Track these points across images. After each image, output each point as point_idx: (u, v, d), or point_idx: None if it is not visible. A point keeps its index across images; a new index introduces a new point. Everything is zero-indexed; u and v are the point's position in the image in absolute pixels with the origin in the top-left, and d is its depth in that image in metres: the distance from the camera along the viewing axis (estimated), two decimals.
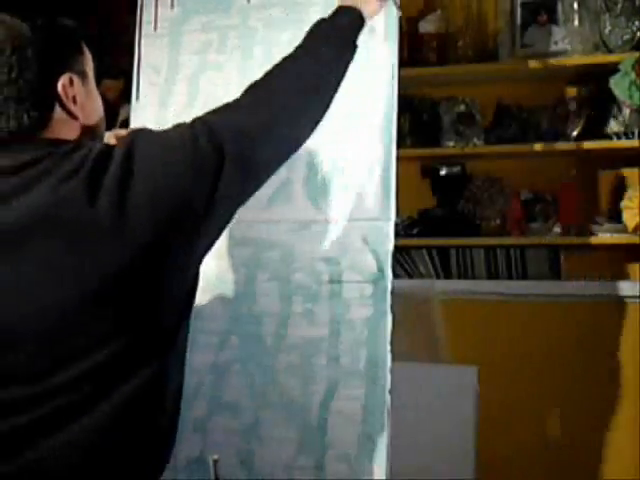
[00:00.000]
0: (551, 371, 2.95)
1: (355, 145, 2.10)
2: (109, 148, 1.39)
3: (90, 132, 1.47)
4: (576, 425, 2.93)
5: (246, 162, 1.45)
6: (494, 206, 3.22)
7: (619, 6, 3.01)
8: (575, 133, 3.07)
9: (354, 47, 1.73)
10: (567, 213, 3.10)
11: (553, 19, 3.12)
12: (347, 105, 2.11)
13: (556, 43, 3.10)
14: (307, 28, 1.72)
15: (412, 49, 3.24)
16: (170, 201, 1.35)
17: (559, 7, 3.11)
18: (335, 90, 1.67)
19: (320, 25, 1.72)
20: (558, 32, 3.10)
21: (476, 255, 3.18)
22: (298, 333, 2.05)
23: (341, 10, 1.75)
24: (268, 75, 1.60)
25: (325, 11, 2.10)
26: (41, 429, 1.32)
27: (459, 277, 3.20)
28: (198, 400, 2.12)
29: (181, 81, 2.29)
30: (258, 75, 1.59)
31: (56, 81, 1.41)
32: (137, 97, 2.31)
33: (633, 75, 2.89)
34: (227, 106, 1.52)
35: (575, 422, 2.93)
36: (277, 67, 1.62)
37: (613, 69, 2.95)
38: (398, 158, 2.09)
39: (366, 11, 1.76)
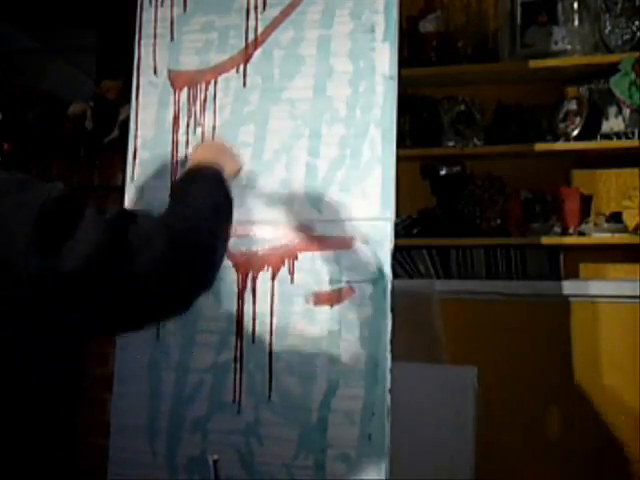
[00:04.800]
0: (551, 371, 2.95)
1: (355, 145, 2.10)
2: None
3: None
4: (576, 425, 2.92)
5: None
6: (494, 206, 3.22)
7: (619, 6, 3.01)
8: (575, 133, 3.07)
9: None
10: (567, 213, 3.09)
11: (553, 19, 3.12)
12: (347, 105, 2.12)
13: (556, 43, 3.10)
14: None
15: (412, 49, 3.23)
16: None
17: (559, 7, 3.11)
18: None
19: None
20: (558, 32, 3.10)
21: (476, 255, 3.18)
22: (298, 333, 2.05)
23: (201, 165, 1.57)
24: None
25: (325, 11, 2.11)
26: None
27: (459, 277, 3.19)
28: (198, 400, 2.12)
29: None
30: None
31: None
32: (137, 97, 2.31)
33: (633, 75, 2.89)
34: None
35: (575, 422, 2.93)
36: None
37: (613, 69, 2.95)
38: (398, 158, 2.09)
39: (227, 169, 1.60)
